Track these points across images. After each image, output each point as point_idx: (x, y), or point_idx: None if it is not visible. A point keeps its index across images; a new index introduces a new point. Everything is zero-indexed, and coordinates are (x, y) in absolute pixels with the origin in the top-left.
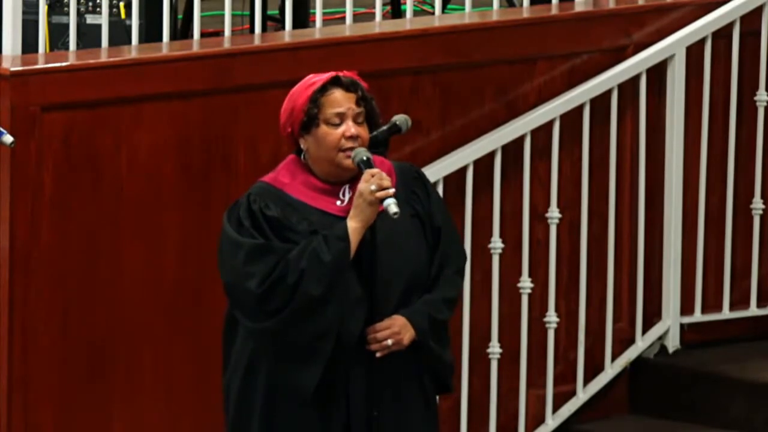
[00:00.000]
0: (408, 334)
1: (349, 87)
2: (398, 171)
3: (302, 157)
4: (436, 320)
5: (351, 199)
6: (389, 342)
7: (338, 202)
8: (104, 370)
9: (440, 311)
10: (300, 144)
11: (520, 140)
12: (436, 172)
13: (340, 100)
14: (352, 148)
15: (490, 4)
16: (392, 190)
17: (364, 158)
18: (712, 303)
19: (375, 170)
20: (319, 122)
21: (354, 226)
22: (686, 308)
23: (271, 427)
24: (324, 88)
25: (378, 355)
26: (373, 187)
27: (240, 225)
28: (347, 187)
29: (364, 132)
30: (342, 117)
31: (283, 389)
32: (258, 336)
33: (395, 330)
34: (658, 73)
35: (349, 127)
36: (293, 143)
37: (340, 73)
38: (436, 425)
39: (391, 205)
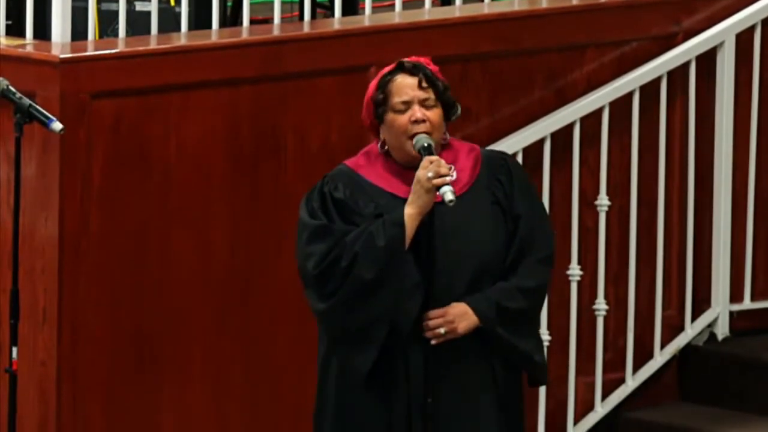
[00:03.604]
0: (464, 323)
1: (411, 71)
2: (485, 158)
3: (380, 146)
4: (507, 308)
5: None
6: (442, 330)
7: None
8: (153, 361)
9: (513, 299)
10: (380, 134)
11: (569, 127)
12: None
13: (404, 87)
14: (424, 132)
15: None
16: (449, 178)
17: (425, 144)
18: (761, 290)
19: (434, 157)
20: (387, 110)
21: (410, 212)
22: (736, 296)
23: (342, 409)
24: (389, 75)
25: (432, 342)
26: (430, 174)
27: (312, 207)
28: None
29: (433, 115)
30: (407, 103)
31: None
32: (318, 317)
33: (449, 318)
34: (707, 60)
35: (415, 112)
36: (376, 134)
37: (406, 59)
38: (515, 414)
39: (447, 193)
